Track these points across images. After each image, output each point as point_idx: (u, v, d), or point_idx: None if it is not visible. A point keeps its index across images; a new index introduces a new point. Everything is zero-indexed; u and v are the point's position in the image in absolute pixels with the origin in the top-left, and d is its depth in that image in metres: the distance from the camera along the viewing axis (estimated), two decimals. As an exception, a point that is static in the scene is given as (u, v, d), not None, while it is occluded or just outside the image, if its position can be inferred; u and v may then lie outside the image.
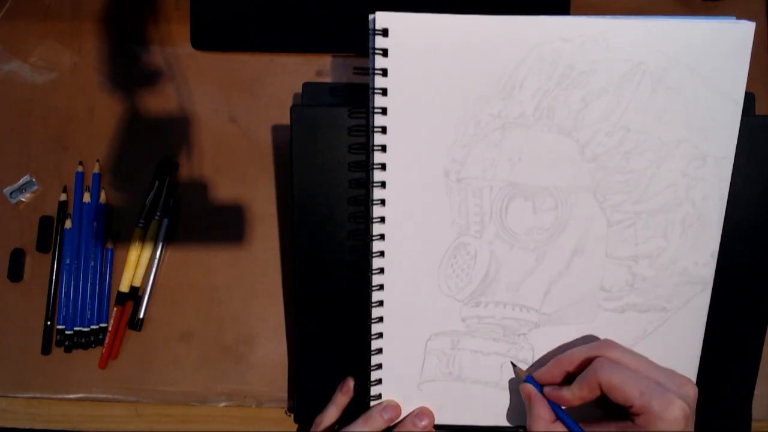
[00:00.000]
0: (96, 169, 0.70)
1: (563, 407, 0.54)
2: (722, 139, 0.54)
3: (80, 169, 0.70)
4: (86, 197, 0.69)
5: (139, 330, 0.69)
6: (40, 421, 0.70)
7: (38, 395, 0.70)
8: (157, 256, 0.69)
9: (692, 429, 0.49)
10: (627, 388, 0.49)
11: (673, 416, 0.47)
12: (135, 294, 0.70)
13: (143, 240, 0.69)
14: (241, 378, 0.69)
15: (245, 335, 0.69)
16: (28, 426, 0.70)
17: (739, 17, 0.53)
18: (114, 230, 0.70)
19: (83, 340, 0.69)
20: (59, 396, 0.70)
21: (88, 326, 0.69)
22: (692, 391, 0.50)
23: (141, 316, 0.69)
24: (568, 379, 0.54)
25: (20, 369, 0.70)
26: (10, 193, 0.70)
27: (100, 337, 0.69)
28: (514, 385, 0.60)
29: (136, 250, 0.69)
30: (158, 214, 0.69)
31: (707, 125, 0.54)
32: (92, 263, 0.69)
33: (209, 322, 0.70)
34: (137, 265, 0.69)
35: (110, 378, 0.70)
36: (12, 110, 0.71)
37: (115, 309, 0.69)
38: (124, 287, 0.69)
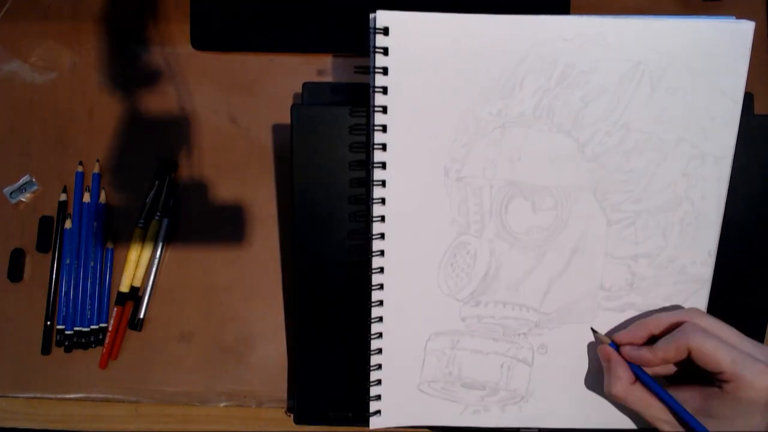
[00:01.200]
0: (96, 169, 0.70)
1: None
2: (721, 138, 0.54)
3: (80, 169, 0.70)
4: (86, 197, 0.69)
5: (140, 330, 0.69)
6: (40, 421, 0.70)
7: (38, 395, 0.70)
8: (157, 256, 0.69)
9: None
10: (719, 355, 0.49)
11: (764, 384, 0.48)
12: (135, 294, 0.70)
13: (143, 240, 0.69)
14: (241, 378, 0.69)
15: (245, 335, 0.69)
16: (28, 426, 0.70)
17: (739, 17, 0.53)
18: (114, 230, 0.70)
19: (83, 340, 0.69)
20: (59, 396, 0.70)
21: (88, 326, 0.69)
22: None
23: (141, 316, 0.69)
24: (649, 342, 0.54)
25: (20, 369, 0.70)
26: (10, 193, 0.70)
27: (100, 337, 0.69)
28: (516, 384, 0.60)
29: (136, 250, 0.69)
30: (158, 214, 0.69)
31: (706, 125, 0.54)
32: (92, 263, 0.69)
33: (209, 322, 0.70)
34: (137, 265, 0.69)
35: (110, 378, 0.70)
36: (12, 110, 0.71)
37: (115, 309, 0.69)
38: (124, 287, 0.69)
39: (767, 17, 0.71)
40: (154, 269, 0.70)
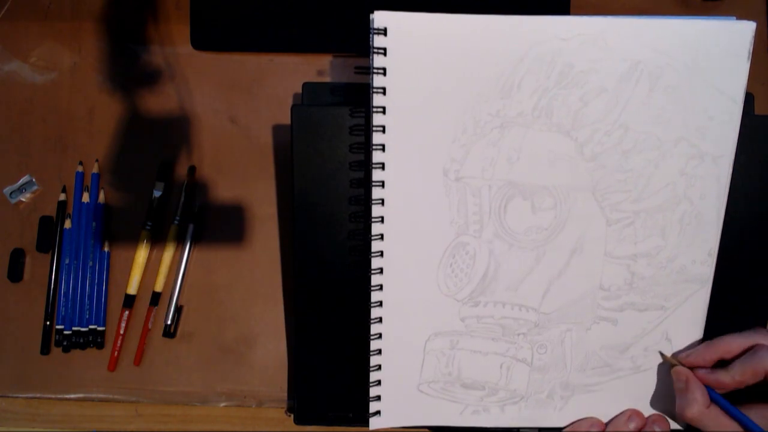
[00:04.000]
0: (95, 169, 0.70)
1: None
2: (720, 137, 0.54)
3: (80, 169, 0.70)
4: (85, 197, 0.69)
5: (173, 336, 0.69)
6: (40, 421, 0.70)
7: (38, 395, 0.70)
8: (184, 260, 0.69)
9: None
10: None
11: None
12: (133, 297, 0.70)
13: (150, 242, 0.69)
14: (241, 378, 0.69)
15: (245, 335, 0.69)
16: (28, 426, 0.70)
17: (739, 17, 0.53)
18: (113, 230, 0.70)
19: (81, 340, 0.69)
20: (59, 396, 0.70)
21: (86, 326, 0.69)
22: None
23: (169, 321, 0.69)
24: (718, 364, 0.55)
25: (20, 369, 0.70)
26: (10, 193, 0.70)
27: (99, 339, 0.69)
28: (515, 384, 0.60)
29: (143, 253, 0.69)
30: (177, 218, 0.69)
31: (705, 124, 0.54)
32: (90, 263, 0.69)
33: (209, 322, 0.70)
34: (144, 267, 0.69)
35: (110, 378, 0.70)
36: (12, 110, 0.71)
37: (126, 312, 0.69)
38: (132, 290, 0.69)
39: (767, 17, 0.70)
40: (181, 274, 0.70)
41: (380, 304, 0.58)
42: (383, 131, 0.54)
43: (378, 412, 0.61)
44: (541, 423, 0.61)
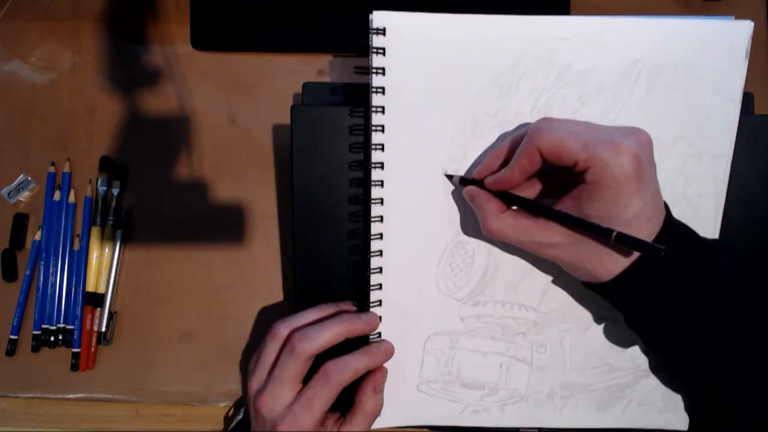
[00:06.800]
0: (66, 168, 0.70)
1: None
2: (718, 136, 0.54)
3: (52, 169, 0.70)
4: (57, 195, 0.70)
5: (110, 342, 0.69)
6: (40, 421, 0.70)
7: (38, 395, 0.70)
8: (115, 260, 0.70)
9: (650, 174, 0.46)
10: (567, 143, 0.45)
11: (622, 161, 0.44)
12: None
13: (101, 240, 0.70)
14: (241, 378, 0.69)
15: (245, 335, 0.69)
16: (28, 426, 0.70)
17: (738, 17, 0.53)
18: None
19: (51, 339, 0.69)
20: (59, 396, 0.70)
21: (56, 325, 0.69)
22: (644, 137, 0.46)
23: (104, 328, 0.69)
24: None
25: (20, 369, 0.70)
26: (9, 194, 0.70)
27: (75, 337, 0.69)
28: (515, 384, 0.60)
29: (96, 250, 0.70)
30: (111, 218, 0.70)
31: (703, 123, 0.54)
32: (60, 262, 0.70)
33: (209, 322, 0.70)
34: (100, 264, 0.70)
35: (110, 378, 0.70)
36: (12, 110, 0.71)
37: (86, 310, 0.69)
38: (90, 287, 0.70)
39: (767, 17, 0.70)
40: (113, 274, 0.70)
41: (380, 303, 0.58)
42: (382, 131, 0.54)
43: (378, 412, 0.61)
44: (542, 423, 0.61)
